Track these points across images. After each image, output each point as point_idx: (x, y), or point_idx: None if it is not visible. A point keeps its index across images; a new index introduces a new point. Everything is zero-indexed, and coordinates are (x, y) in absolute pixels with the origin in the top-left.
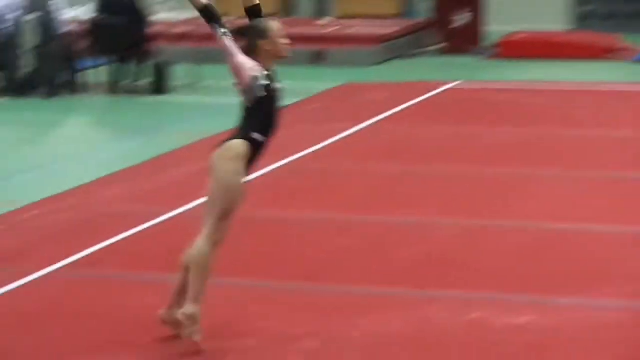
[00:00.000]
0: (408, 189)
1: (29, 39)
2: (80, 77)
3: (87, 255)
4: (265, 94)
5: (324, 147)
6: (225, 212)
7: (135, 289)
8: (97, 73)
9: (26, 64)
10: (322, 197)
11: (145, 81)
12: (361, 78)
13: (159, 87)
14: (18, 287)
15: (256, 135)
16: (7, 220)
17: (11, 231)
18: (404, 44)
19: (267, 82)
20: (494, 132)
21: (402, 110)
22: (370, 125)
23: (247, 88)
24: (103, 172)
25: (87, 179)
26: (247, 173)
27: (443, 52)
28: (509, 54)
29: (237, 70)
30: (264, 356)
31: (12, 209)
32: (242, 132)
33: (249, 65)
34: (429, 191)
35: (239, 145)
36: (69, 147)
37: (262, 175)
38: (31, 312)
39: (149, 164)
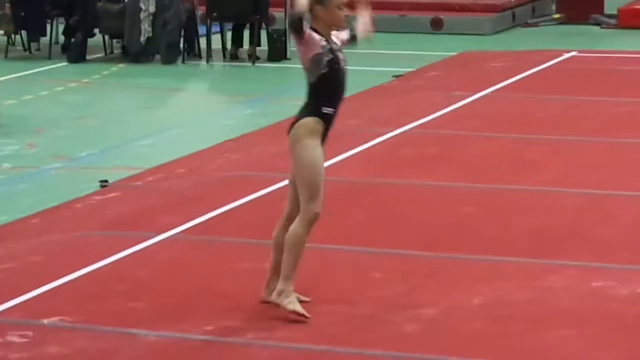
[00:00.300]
0: (528, 157)
1: (148, 6)
2: (199, 44)
3: (205, 221)
4: (329, 69)
5: (443, 115)
6: (313, 190)
7: (251, 255)
8: (216, 39)
9: (144, 31)
10: (443, 165)
11: (263, 48)
12: (479, 47)
13: (277, 53)
14: (134, 253)
15: (325, 109)
16: (124, 185)
17: (128, 197)
18: (522, 13)
19: (331, 57)
20: (615, 102)
21: (520, 80)
22: (489, 94)
23: (312, 64)
24: (221, 138)
25: (205, 145)
26: (323, 146)
27: (561, 21)
28: (628, 23)
29: (305, 45)
30: (382, 324)
31: (132, 174)
32: (312, 108)
33: (316, 39)
34: (550, 159)
35: (311, 122)
36: (187, 113)
37: (382, 142)
38: (146, 277)
39: (267, 130)
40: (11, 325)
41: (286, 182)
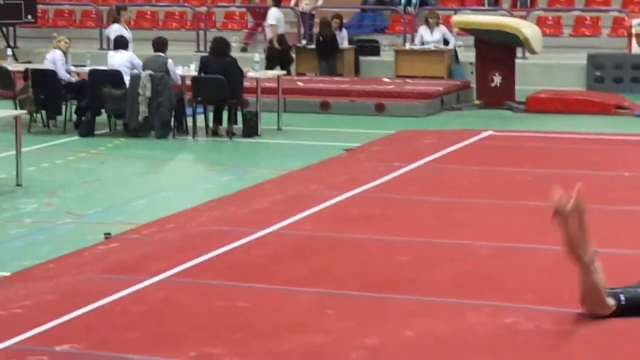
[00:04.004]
0: (453, 217)
1: (146, 91)
2: (187, 122)
3: (190, 267)
4: None
5: (384, 182)
6: None
7: (229, 294)
8: (200, 119)
9: (142, 111)
10: (384, 223)
11: (239, 126)
12: (414, 126)
13: (250, 131)
14: (132, 292)
15: None
16: (124, 237)
17: (126, 247)
18: (449, 99)
19: None
20: (523, 172)
21: (447, 153)
22: (422, 165)
23: None
24: (203, 199)
25: (190, 205)
26: None
27: (481, 106)
28: (535, 108)
29: None
30: (333, 350)
31: (130, 228)
32: None
33: None
34: (472, 219)
35: None
36: (175, 179)
37: (336, 204)
38: (141, 312)
39: (242, 193)
40: (29, 351)
41: (256, 235)
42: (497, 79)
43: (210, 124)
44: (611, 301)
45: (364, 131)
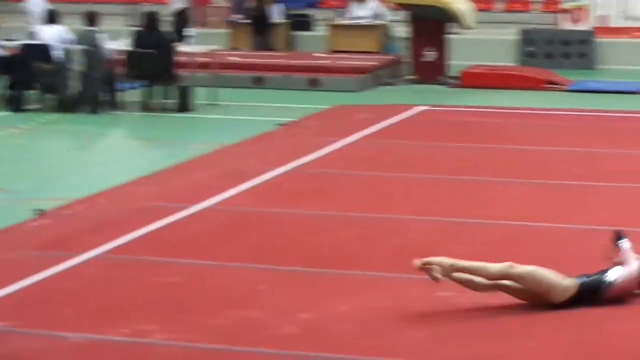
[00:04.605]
0: (389, 191)
1: (77, 66)
2: (119, 97)
3: (124, 243)
4: None
5: (320, 157)
6: None
7: (164, 270)
8: (133, 94)
9: (74, 86)
10: (320, 197)
11: (172, 101)
12: (349, 101)
13: (183, 106)
14: (64, 270)
15: None
16: (56, 213)
17: (59, 223)
18: (384, 74)
19: None
20: (458, 147)
21: (382, 128)
22: (357, 140)
23: None
24: (136, 175)
25: (124, 180)
26: None
27: (415, 81)
28: (469, 83)
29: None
30: (266, 325)
31: (61, 204)
32: None
33: None
34: (407, 193)
35: None
36: (108, 154)
37: (272, 178)
38: (74, 289)
39: (175, 168)
40: None
41: (192, 209)
42: (430, 54)
43: (144, 99)
44: (569, 281)
45: (298, 106)
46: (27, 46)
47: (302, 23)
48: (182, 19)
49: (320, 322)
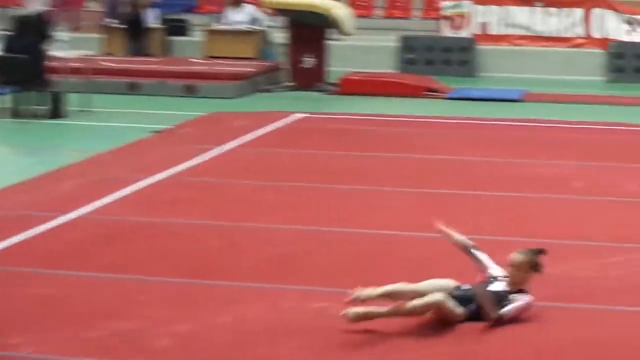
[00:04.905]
0: (266, 200)
1: None
2: None
3: None
4: None
5: (196, 165)
6: None
7: (36, 282)
8: (3, 100)
9: None
10: (195, 206)
11: (44, 107)
12: (226, 108)
13: (56, 112)
14: None
15: None
16: None
17: None
18: (261, 81)
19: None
20: (336, 154)
21: (260, 136)
22: (234, 148)
23: None
24: (5, 183)
25: None
26: None
27: (293, 88)
28: (348, 90)
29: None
30: (143, 337)
31: None
32: None
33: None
34: (283, 203)
35: None
36: None
37: (146, 187)
38: None
39: (46, 176)
40: None
41: (63, 219)
42: (309, 61)
43: (14, 105)
44: (460, 310)
45: (174, 113)
46: None
47: (178, 28)
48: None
49: (197, 334)
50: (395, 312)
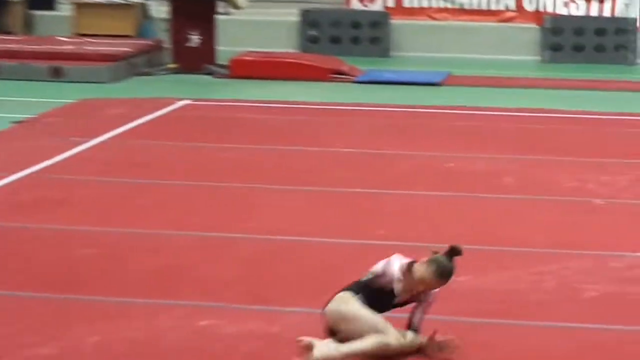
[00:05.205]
0: (145, 202)
1: None
2: None
3: None
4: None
5: (63, 160)
6: None
7: None
8: None
9: None
10: (62, 209)
11: None
12: (98, 94)
13: None
14: None
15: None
16: None
17: None
18: (140, 63)
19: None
20: (226, 148)
21: (138, 126)
22: (108, 140)
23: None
24: None
25: None
26: None
27: (177, 70)
28: (240, 73)
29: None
30: None
31: None
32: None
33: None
34: (163, 204)
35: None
36: None
37: (4, 186)
38: None
39: None
40: None
41: None
42: (195, 39)
43: None
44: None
45: (38, 100)
46: None
47: (42, 1)
48: None
49: (65, 358)
50: None
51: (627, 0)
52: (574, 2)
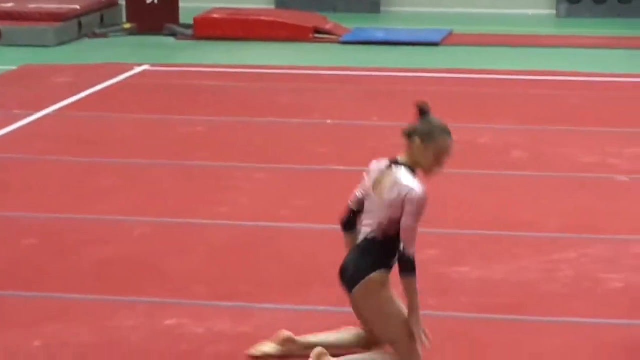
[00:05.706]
0: (99, 183)
1: None
2: None
3: None
4: None
5: (2, 137)
6: None
7: None
8: None
9: None
10: (1, 192)
11: None
12: (42, 59)
13: None
14: None
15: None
16: None
17: None
18: (90, 23)
19: None
20: (191, 120)
21: (89, 96)
22: (54, 113)
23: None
24: None
25: None
26: None
27: (133, 31)
28: (205, 34)
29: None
30: None
31: None
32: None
33: None
34: (121, 186)
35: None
36: None
37: None
38: None
39: None
40: None
41: None
42: None
43: None
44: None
45: None
46: None
47: None
48: None
49: None
50: None
51: None
52: None
